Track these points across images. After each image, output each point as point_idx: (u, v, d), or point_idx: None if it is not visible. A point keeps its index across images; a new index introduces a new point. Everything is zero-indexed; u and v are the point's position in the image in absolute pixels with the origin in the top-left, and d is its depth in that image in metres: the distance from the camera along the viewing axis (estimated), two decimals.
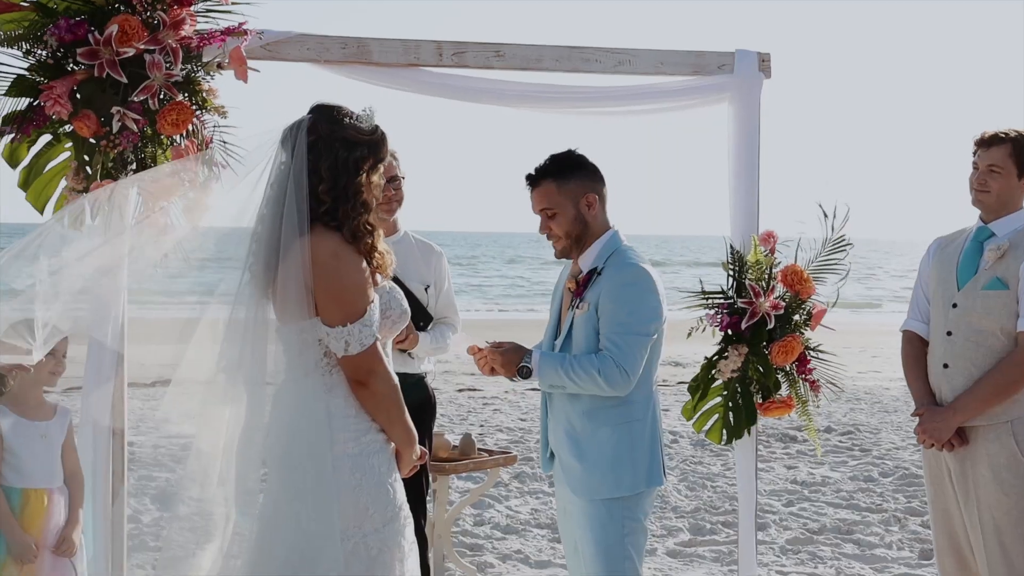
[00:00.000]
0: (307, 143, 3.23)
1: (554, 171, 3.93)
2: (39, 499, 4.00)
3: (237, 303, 3.29)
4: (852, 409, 11.67)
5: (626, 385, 3.78)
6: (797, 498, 7.77)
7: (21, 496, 3.97)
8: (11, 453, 3.96)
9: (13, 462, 3.96)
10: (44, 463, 4.02)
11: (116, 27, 3.74)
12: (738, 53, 4.58)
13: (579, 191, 3.92)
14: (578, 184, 3.93)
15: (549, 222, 3.95)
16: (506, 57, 4.42)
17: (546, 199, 3.93)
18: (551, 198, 3.92)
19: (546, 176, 3.94)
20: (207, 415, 3.37)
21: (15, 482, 3.96)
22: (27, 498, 3.97)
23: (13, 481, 3.96)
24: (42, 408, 4.07)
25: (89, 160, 3.87)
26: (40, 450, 3.99)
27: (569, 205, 3.92)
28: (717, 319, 4.42)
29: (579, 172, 3.95)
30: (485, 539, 6.73)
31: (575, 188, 3.92)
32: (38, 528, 3.98)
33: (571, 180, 3.92)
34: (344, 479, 3.19)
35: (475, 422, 10.67)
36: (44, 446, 4.01)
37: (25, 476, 3.98)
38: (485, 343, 3.97)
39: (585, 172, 3.96)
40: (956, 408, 4.12)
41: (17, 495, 3.96)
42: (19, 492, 3.97)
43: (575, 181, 3.93)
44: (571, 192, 3.92)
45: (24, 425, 3.99)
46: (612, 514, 3.84)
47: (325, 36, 4.27)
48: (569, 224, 3.93)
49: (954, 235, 4.37)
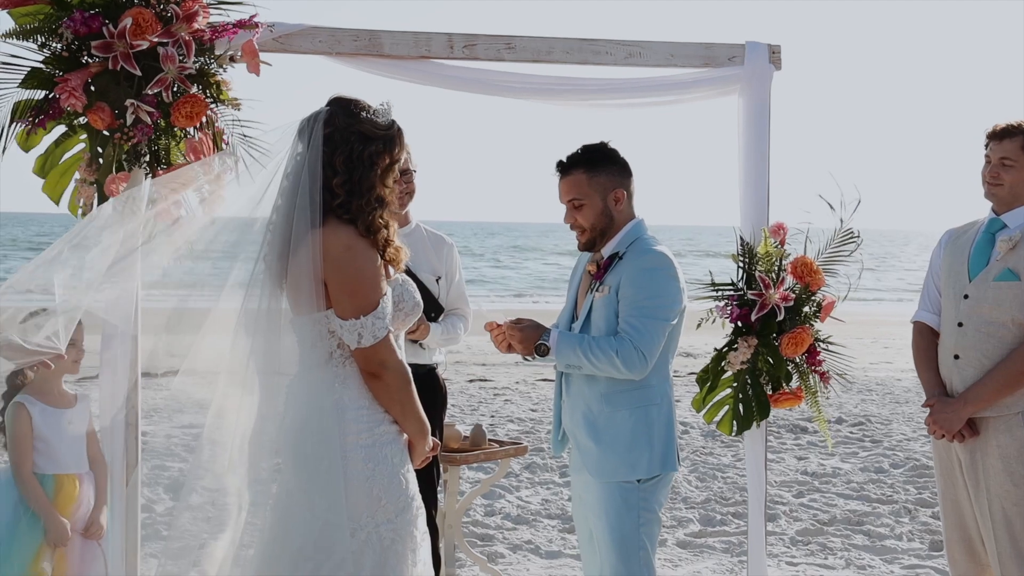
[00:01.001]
0: (323, 135, 3.25)
1: (586, 162, 3.93)
2: (71, 484, 4.09)
3: (251, 293, 3.31)
4: (863, 400, 11.67)
5: (643, 368, 3.80)
6: (807, 489, 7.79)
7: (54, 482, 4.06)
8: (42, 440, 4.05)
9: (44, 449, 4.05)
10: (73, 449, 4.11)
11: (130, 20, 3.77)
12: (748, 45, 4.58)
13: (609, 185, 3.93)
14: (608, 178, 3.93)
15: (576, 212, 3.95)
16: (517, 49, 4.43)
17: (575, 189, 3.93)
18: (580, 189, 3.93)
19: (577, 166, 3.94)
20: (220, 405, 3.39)
21: (48, 468, 4.05)
22: (60, 484, 4.07)
23: (45, 468, 4.05)
24: (64, 396, 4.16)
25: (103, 152, 3.90)
26: (68, 437, 4.08)
27: (597, 198, 3.92)
28: (727, 310, 4.42)
29: (610, 165, 3.95)
30: (496, 529, 6.76)
31: (605, 181, 3.93)
32: (69, 512, 4.07)
33: (602, 173, 3.93)
34: (357, 469, 3.21)
35: (486, 412, 10.69)
36: (71, 433, 4.08)
37: (57, 462, 4.07)
38: (504, 319, 3.97)
39: (616, 166, 3.96)
40: (967, 399, 4.13)
41: (50, 481, 4.06)
42: (52, 478, 4.06)
43: (605, 174, 3.93)
44: (601, 185, 3.92)
45: (51, 413, 4.07)
46: (628, 503, 3.86)
47: (336, 28, 4.29)
48: (595, 217, 3.94)
49: (966, 226, 4.37)
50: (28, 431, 4.02)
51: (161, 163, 3.91)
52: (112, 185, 3.85)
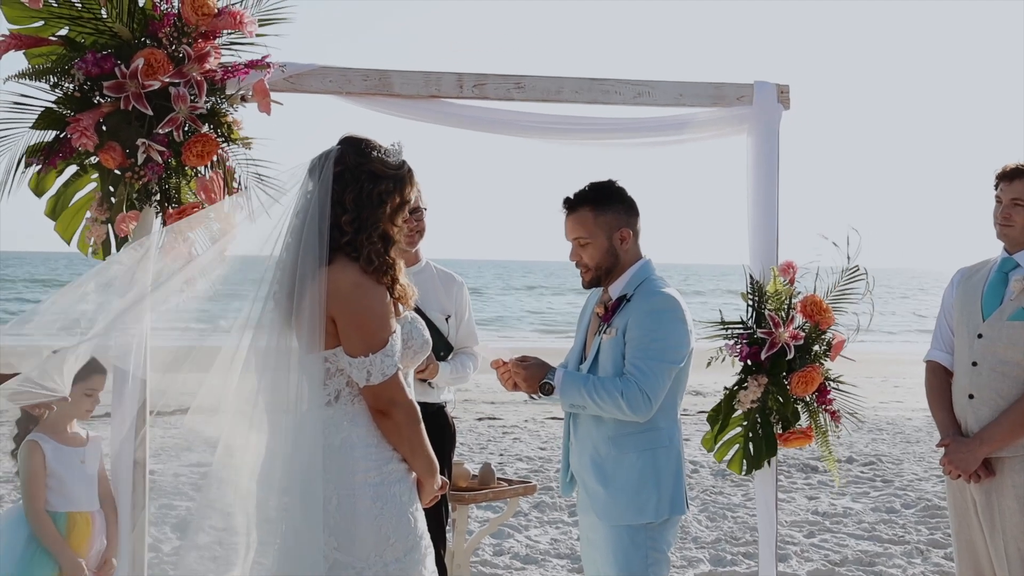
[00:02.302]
0: (333, 173, 3.25)
1: (592, 200, 3.93)
2: (85, 522, 4.08)
3: (260, 331, 3.30)
4: (874, 439, 11.59)
5: (648, 411, 3.78)
6: (818, 529, 7.72)
7: (67, 520, 4.05)
8: (55, 478, 4.04)
9: (57, 487, 4.04)
10: (86, 487, 4.10)
11: (142, 60, 3.80)
12: (757, 85, 4.60)
13: (615, 224, 3.93)
14: (615, 216, 3.93)
15: (580, 251, 3.95)
16: (526, 89, 4.45)
17: (581, 227, 3.93)
18: (586, 227, 3.92)
19: (584, 204, 3.93)
20: (229, 443, 3.37)
21: (60, 506, 4.04)
22: (73, 522, 4.05)
23: (58, 505, 4.04)
24: (76, 436, 4.15)
25: (114, 191, 3.92)
26: (80, 475, 4.07)
27: (603, 237, 3.92)
28: (737, 349, 4.41)
29: (617, 204, 3.94)
30: (504, 569, 6.71)
31: (611, 220, 3.92)
32: (83, 551, 4.05)
33: (608, 211, 3.92)
34: (365, 508, 3.19)
35: (495, 451, 10.65)
36: (83, 471, 4.08)
37: (70, 500, 4.06)
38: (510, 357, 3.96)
39: (623, 205, 3.96)
40: (982, 439, 4.10)
41: (63, 519, 4.04)
42: (64, 516, 4.05)
43: (612, 213, 3.93)
44: (606, 224, 3.92)
45: (64, 451, 4.07)
46: (636, 543, 3.83)
47: (347, 68, 4.32)
48: (600, 256, 3.93)
49: (978, 265, 4.37)
50: (41, 469, 4.01)
51: (172, 202, 3.93)
52: (122, 224, 3.87)
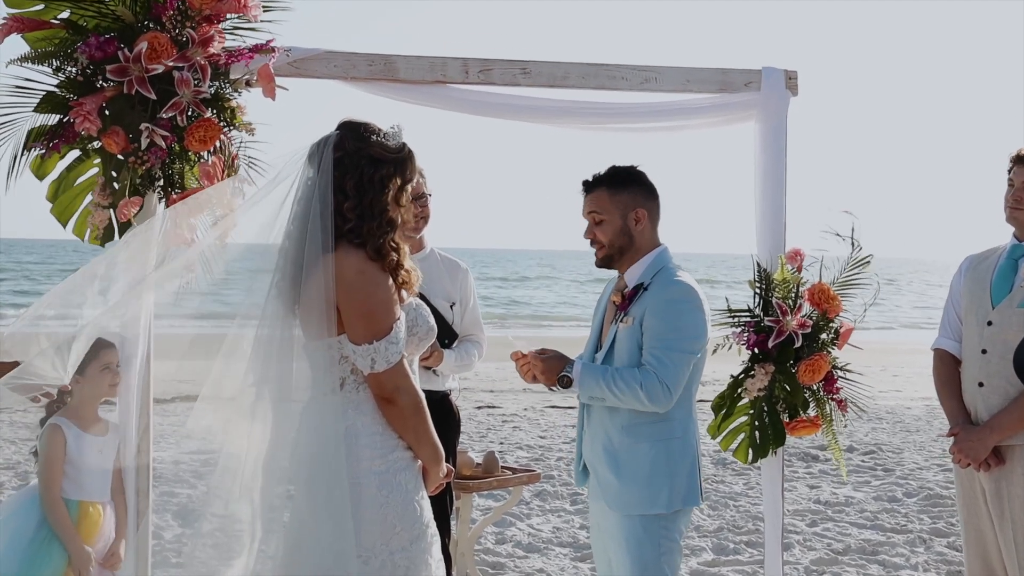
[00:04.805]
0: (333, 159, 3.22)
1: (609, 180, 3.95)
2: (96, 512, 4.04)
3: (263, 320, 3.28)
4: (874, 428, 11.58)
5: (668, 401, 3.77)
6: (821, 518, 7.71)
7: (78, 508, 4.01)
8: (72, 466, 4.00)
9: (73, 474, 4.01)
10: (100, 478, 4.06)
11: (145, 44, 3.76)
12: (765, 71, 4.56)
13: (630, 203, 3.93)
14: (630, 197, 3.94)
15: (595, 228, 3.96)
16: (532, 74, 4.42)
17: (596, 204, 3.95)
18: (601, 204, 3.94)
19: (601, 183, 3.96)
20: (232, 431, 3.35)
21: (73, 494, 4.01)
22: (84, 511, 4.01)
23: (70, 493, 4.00)
24: (98, 423, 4.10)
25: (117, 176, 3.88)
26: (97, 464, 4.03)
27: (617, 215, 3.93)
28: (744, 337, 4.39)
29: (634, 186, 3.96)
30: (507, 557, 6.69)
31: (626, 200, 3.93)
32: (92, 541, 4.01)
33: (624, 192, 3.94)
34: (371, 496, 3.17)
35: (495, 439, 10.63)
36: (100, 461, 4.04)
37: (83, 489, 4.02)
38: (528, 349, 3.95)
39: (640, 187, 3.97)
40: (992, 427, 4.08)
41: (75, 507, 4.01)
42: (76, 504, 4.01)
43: (628, 193, 3.94)
44: (622, 203, 3.93)
45: (85, 439, 4.04)
46: (649, 532, 3.81)
47: (352, 53, 4.28)
48: (614, 234, 3.93)
49: (987, 253, 4.33)
50: (61, 454, 3.98)
51: (175, 187, 3.89)
52: (124, 209, 3.83)
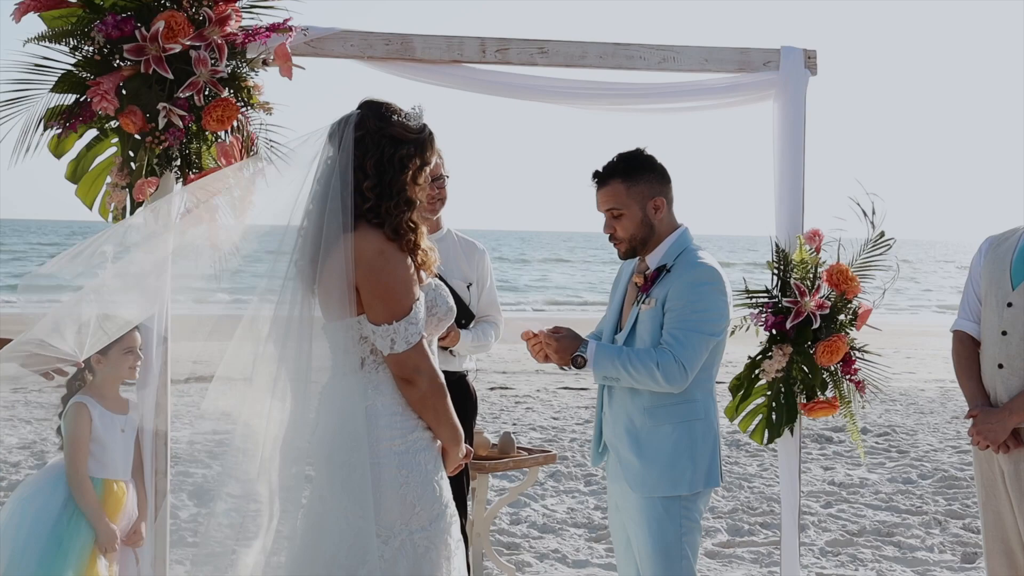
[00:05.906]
0: (354, 138, 3.21)
1: (623, 170, 3.84)
2: (120, 490, 4.05)
3: (282, 299, 3.28)
4: (888, 410, 11.56)
5: (683, 381, 3.73)
6: (836, 500, 7.70)
7: (103, 486, 4.01)
8: (97, 443, 4.01)
9: (99, 453, 4.01)
10: (123, 455, 4.06)
11: (163, 23, 3.75)
12: (784, 50, 4.53)
13: (647, 193, 3.84)
14: (647, 186, 3.84)
15: (614, 223, 3.87)
16: (550, 54, 4.40)
17: (613, 199, 3.85)
18: (619, 199, 3.84)
19: (614, 175, 3.85)
20: (249, 412, 3.35)
21: (97, 472, 4.01)
22: (108, 489, 4.02)
23: (95, 471, 4.01)
24: (120, 402, 4.11)
25: (134, 156, 3.88)
26: (120, 443, 4.04)
27: (636, 207, 3.84)
28: (762, 318, 4.37)
29: (648, 173, 3.86)
30: (522, 538, 6.71)
31: (644, 190, 3.84)
32: (116, 519, 4.02)
33: (640, 182, 3.84)
34: (391, 476, 3.17)
35: (508, 420, 10.65)
36: (123, 439, 4.05)
37: (107, 467, 4.03)
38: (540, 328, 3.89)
39: (654, 174, 3.87)
40: (1012, 409, 4.06)
41: (99, 485, 4.01)
42: (100, 482, 4.01)
43: (644, 183, 3.84)
44: (639, 194, 3.84)
45: (109, 417, 4.04)
46: (670, 512, 3.80)
47: (369, 32, 4.26)
48: (635, 227, 3.85)
49: (1006, 234, 4.30)
50: (87, 432, 3.98)
51: (192, 167, 3.89)
52: (141, 189, 3.83)
